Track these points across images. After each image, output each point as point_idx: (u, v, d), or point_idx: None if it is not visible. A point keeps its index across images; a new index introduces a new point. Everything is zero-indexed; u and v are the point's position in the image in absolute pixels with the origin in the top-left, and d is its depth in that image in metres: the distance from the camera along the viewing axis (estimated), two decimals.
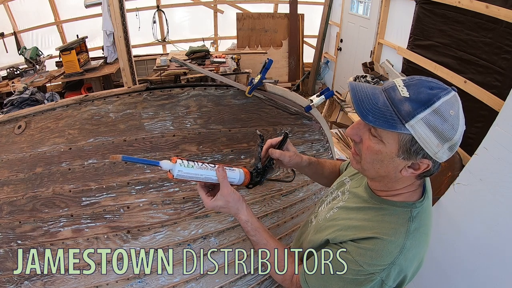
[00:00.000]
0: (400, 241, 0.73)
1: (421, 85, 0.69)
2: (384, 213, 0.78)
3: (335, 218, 0.87)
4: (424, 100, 0.67)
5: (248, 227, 0.89)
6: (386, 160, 0.73)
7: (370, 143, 0.74)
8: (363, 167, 0.79)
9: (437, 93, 0.67)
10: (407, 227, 0.75)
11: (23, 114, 1.18)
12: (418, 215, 0.77)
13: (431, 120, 0.66)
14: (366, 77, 3.94)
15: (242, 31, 5.60)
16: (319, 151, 1.37)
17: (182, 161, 0.78)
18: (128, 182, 1.10)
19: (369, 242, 0.74)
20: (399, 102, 0.68)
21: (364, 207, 0.83)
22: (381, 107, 0.70)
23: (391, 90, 0.71)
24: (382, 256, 0.73)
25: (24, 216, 1.11)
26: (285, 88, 1.23)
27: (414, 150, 0.70)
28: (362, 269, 0.74)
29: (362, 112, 0.70)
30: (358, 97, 0.72)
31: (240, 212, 0.87)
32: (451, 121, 0.66)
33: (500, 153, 1.58)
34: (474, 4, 2.49)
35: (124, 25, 3.22)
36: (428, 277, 1.94)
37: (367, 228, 0.77)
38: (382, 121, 0.69)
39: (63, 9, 4.94)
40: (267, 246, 0.90)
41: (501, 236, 1.56)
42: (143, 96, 1.12)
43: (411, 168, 0.73)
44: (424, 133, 0.67)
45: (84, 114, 1.13)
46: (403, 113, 0.67)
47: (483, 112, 2.44)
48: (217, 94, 1.16)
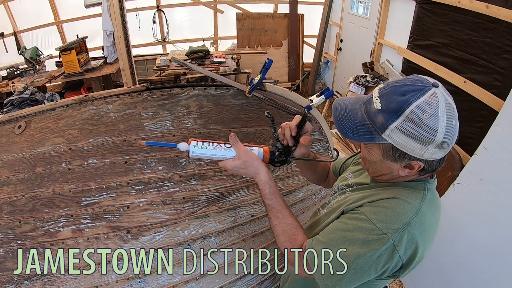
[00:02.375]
0: (416, 204, 0.74)
1: (393, 92, 0.70)
2: (399, 186, 0.80)
3: (347, 197, 0.88)
4: (395, 109, 0.68)
5: (266, 190, 0.89)
6: (379, 163, 0.79)
7: (363, 150, 0.81)
8: (366, 166, 0.85)
9: (408, 99, 0.67)
10: (423, 194, 0.77)
11: (23, 114, 1.18)
12: (431, 189, 0.79)
13: (405, 128, 0.68)
14: (366, 77, 3.94)
15: (242, 31, 5.59)
16: (319, 151, 1.37)
17: (197, 143, 0.87)
18: (128, 182, 1.10)
19: (386, 201, 0.76)
20: (373, 114, 0.72)
21: (378, 184, 0.86)
22: (359, 122, 0.74)
23: (368, 103, 0.75)
24: (397, 215, 0.72)
25: (24, 216, 1.11)
26: (285, 88, 1.23)
27: (398, 155, 0.73)
28: (375, 228, 0.72)
29: (343, 131, 0.76)
30: (339, 116, 0.78)
31: (260, 172, 0.88)
32: (426, 125, 0.66)
33: (500, 153, 1.58)
34: (474, 4, 2.49)
35: (124, 25, 3.22)
36: (428, 277, 1.94)
37: (383, 192, 0.79)
38: (361, 136, 0.73)
39: (63, 9, 4.93)
40: (282, 212, 0.88)
41: (501, 236, 1.56)
42: (143, 96, 1.12)
43: (407, 168, 0.76)
44: (401, 140, 0.69)
45: (84, 114, 1.13)
46: (378, 125, 0.71)
47: (483, 112, 2.44)
48: (217, 94, 1.16)
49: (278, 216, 0.88)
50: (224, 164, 0.89)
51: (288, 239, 0.87)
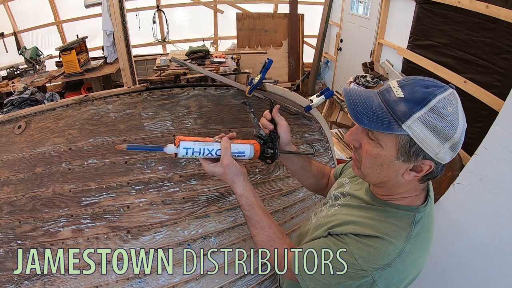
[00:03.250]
0: (400, 244, 0.72)
1: (416, 84, 0.67)
2: (386, 214, 0.77)
3: (335, 214, 0.86)
4: (420, 99, 0.65)
5: (242, 201, 0.88)
6: (386, 164, 0.72)
7: (369, 147, 0.73)
8: (364, 172, 0.78)
9: (432, 91, 0.65)
10: (409, 231, 0.73)
11: (23, 114, 1.18)
12: (421, 220, 0.75)
13: (428, 119, 0.64)
14: (366, 77, 3.94)
15: (242, 31, 5.60)
16: (319, 151, 1.37)
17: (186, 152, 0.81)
18: (128, 182, 1.10)
19: (369, 239, 0.73)
20: (394, 103, 0.67)
21: (366, 206, 0.82)
22: (376, 109, 0.69)
23: (386, 92, 0.70)
24: (379, 255, 0.71)
25: (24, 216, 1.11)
26: (285, 88, 1.23)
27: (413, 151, 0.68)
28: (356, 263, 0.72)
29: (357, 116, 0.69)
30: (352, 100, 0.71)
31: (236, 184, 0.87)
32: (449, 119, 0.65)
33: (500, 153, 1.58)
34: (474, 4, 2.49)
35: (124, 25, 3.22)
36: (428, 277, 1.94)
37: (368, 226, 0.76)
38: (378, 124, 0.67)
39: (63, 9, 4.94)
40: (259, 223, 0.89)
41: (501, 236, 1.56)
42: (143, 96, 1.12)
43: (413, 171, 0.71)
44: (422, 133, 0.65)
45: (84, 114, 1.13)
46: (399, 113, 0.66)
47: (483, 112, 2.44)
48: (217, 94, 1.16)
49: (256, 226, 0.89)
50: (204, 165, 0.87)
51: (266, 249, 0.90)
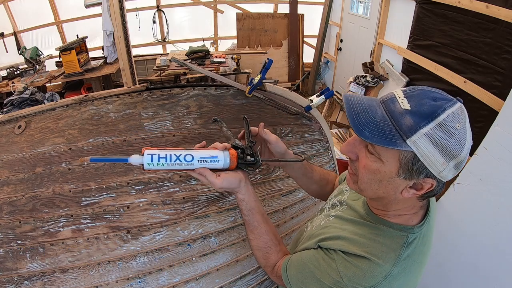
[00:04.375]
0: (387, 267, 0.68)
1: (424, 96, 0.62)
2: (378, 233, 0.73)
3: (328, 226, 0.84)
4: (428, 112, 0.60)
5: (242, 206, 0.87)
6: (385, 180, 0.67)
7: (367, 161, 0.68)
8: (360, 187, 0.73)
9: (441, 104, 0.60)
10: (398, 253, 0.69)
11: (23, 114, 1.18)
12: (414, 242, 0.71)
13: (436, 135, 0.59)
14: (366, 77, 3.94)
15: (242, 31, 5.60)
16: (319, 151, 1.37)
17: (152, 158, 0.75)
18: (128, 182, 1.10)
19: (357, 259, 0.71)
20: (400, 115, 0.62)
21: (360, 221, 0.78)
22: (379, 121, 0.63)
23: (390, 102, 0.64)
24: (364, 277, 0.68)
25: (24, 216, 1.11)
26: (285, 88, 1.23)
27: (416, 169, 0.63)
28: (341, 282, 0.70)
29: (358, 127, 0.63)
30: (354, 110, 0.65)
31: (238, 191, 0.85)
32: (457, 136, 0.60)
33: (500, 153, 1.58)
34: (474, 4, 2.49)
35: (124, 25, 3.22)
36: (428, 277, 1.94)
37: (357, 244, 0.72)
38: (381, 137, 0.62)
39: (63, 9, 4.94)
40: (257, 229, 0.88)
41: (501, 236, 1.56)
42: (143, 96, 1.12)
43: (413, 188, 0.66)
44: (427, 150, 0.60)
45: (84, 114, 1.13)
46: (404, 127, 0.60)
47: (483, 112, 2.44)
48: (217, 94, 1.16)
49: (254, 232, 0.88)
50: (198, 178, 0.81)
51: (262, 255, 0.90)
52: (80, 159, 0.74)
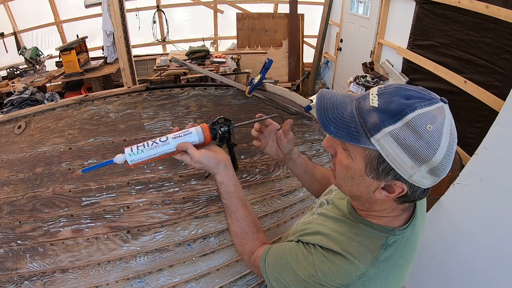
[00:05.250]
0: (362, 267, 0.66)
1: (396, 93, 0.59)
2: (358, 232, 0.72)
3: (311, 222, 0.84)
4: (394, 111, 0.57)
5: (221, 189, 0.88)
6: (356, 177, 0.66)
7: (341, 157, 0.68)
8: (338, 182, 0.73)
9: (413, 103, 0.57)
10: (376, 255, 0.67)
11: (23, 114, 1.18)
12: (394, 244, 0.69)
13: (401, 135, 0.57)
14: (366, 77, 3.94)
15: (242, 31, 5.60)
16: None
17: (131, 149, 0.81)
18: (128, 182, 1.10)
19: (333, 255, 0.70)
20: (366, 112, 0.60)
21: (341, 219, 0.78)
22: (346, 117, 0.62)
23: (362, 99, 0.63)
24: (339, 274, 0.67)
25: (24, 216, 1.11)
26: (285, 88, 1.23)
27: (382, 169, 0.61)
28: (316, 276, 0.69)
29: (324, 122, 0.63)
30: (324, 105, 0.65)
31: (217, 173, 0.87)
32: (427, 138, 0.56)
33: (500, 153, 1.58)
34: (474, 4, 2.49)
35: (124, 25, 3.22)
36: (428, 277, 1.94)
37: (335, 241, 0.71)
38: (345, 133, 0.61)
39: (63, 9, 4.94)
40: (235, 213, 0.88)
41: (501, 236, 1.56)
42: (143, 96, 1.12)
43: (385, 190, 0.64)
44: (392, 150, 0.58)
45: (84, 114, 1.13)
46: (369, 125, 0.59)
47: (483, 112, 2.44)
48: (217, 94, 1.16)
49: (232, 216, 0.89)
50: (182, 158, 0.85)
51: (238, 241, 0.90)
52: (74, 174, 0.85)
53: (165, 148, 0.83)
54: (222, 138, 0.92)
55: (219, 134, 0.91)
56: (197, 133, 0.86)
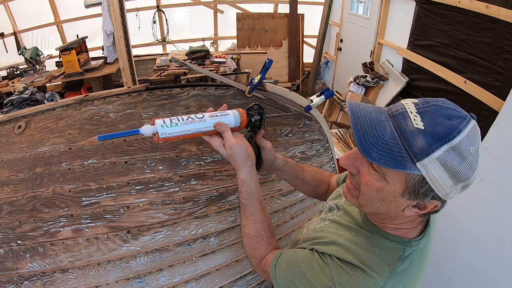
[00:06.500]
0: (380, 281, 0.65)
1: (438, 113, 0.56)
2: (374, 243, 0.70)
3: (323, 230, 0.82)
4: (442, 134, 0.55)
5: (243, 188, 0.83)
6: (388, 199, 0.63)
7: (370, 178, 0.64)
8: (360, 202, 0.69)
9: (457, 124, 0.55)
10: (394, 267, 0.66)
11: (23, 114, 1.18)
12: (410, 256, 0.68)
13: (448, 159, 0.55)
14: (366, 77, 3.94)
15: (242, 31, 5.60)
16: (319, 151, 1.37)
17: (164, 121, 0.72)
18: (128, 182, 1.10)
19: (351, 268, 0.68)
20: (411, 135, 0.57)
21: (356, 229, 0.75)
22: (388, 140, 0.58)
23: (401, 118, 0.59)
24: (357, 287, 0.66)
25: (24, 216, 1.11)
26: (285, 88, 1.23)
27: (423, 192, 0.59)
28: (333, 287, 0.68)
29: (365, 147, 0.58)
30: (361, 126, 0.60)
31: (241, 169, 0.82)
32: (470, 160, 0.55)
33: (500, 153, 1.58)
34: (474, 4, 2.49)
35: (124, 25, 3.22)
36: (428, 277, 1.94)
37: (352, 252, 0.70)
38: (389, 159, 0.57)
39: (63, 9, 4.94)
40: (253, 215, 0.85)
41: (501, 236, 1.56)
42: (143, 96, 1.12)
43: (416, 207, 0.63)
44: (437, 174, 0.56)
45: (84, 114, 1.13)
46: (416, 149, 0.56)
47: (483, 112, 2.44)
48: (217, 94, 1.16)
49: (249, 217, 0.86)
50: (210, 141, 0.81)
51: (251, 244, 0.87)
52: (87, 140, 0.71)
53: (201, 126, 0.76)
54: (253, 126, 0.85)
55: (251, 122, 0.84)
56: (234, 116, 0.79)
